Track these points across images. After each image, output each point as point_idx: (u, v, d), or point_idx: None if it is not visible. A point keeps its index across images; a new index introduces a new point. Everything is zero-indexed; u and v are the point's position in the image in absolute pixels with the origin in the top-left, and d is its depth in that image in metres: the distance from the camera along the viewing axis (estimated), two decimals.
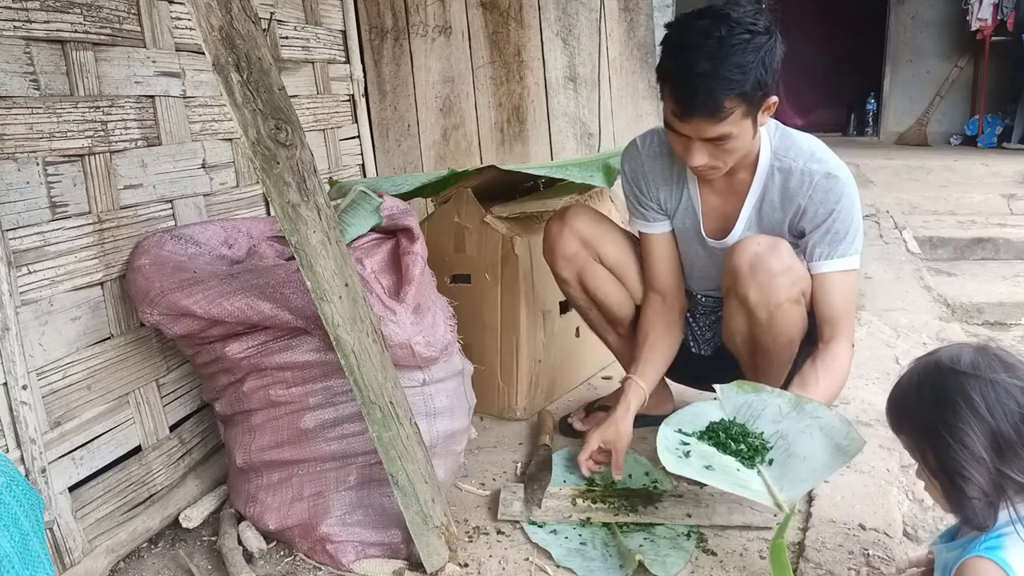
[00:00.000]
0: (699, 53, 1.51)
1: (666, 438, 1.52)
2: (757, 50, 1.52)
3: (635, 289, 1.99)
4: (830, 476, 1.55)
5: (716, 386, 1.68)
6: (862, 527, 1.59)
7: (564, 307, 2.29)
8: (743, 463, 1.51)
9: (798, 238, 1.79)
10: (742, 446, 1.53)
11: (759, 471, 1.48)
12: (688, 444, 1.55)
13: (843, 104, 7.81)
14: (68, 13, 1.49)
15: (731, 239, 1.83)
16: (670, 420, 1.62)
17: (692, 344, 2.03)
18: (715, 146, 1.60)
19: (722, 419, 1.62)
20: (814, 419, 1.53)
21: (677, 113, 1.58)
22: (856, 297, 1.80)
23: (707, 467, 1.47)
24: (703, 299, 2.03)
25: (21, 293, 1.39)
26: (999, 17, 6.54)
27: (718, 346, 2.00)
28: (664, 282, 1.94)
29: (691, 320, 2.04)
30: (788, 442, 1.51)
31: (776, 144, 1.76)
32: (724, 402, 1.66)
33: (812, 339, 1.77)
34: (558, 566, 1.53)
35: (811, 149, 1.76)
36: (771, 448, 1.52)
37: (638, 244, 2.00)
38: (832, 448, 1.47)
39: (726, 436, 1.56)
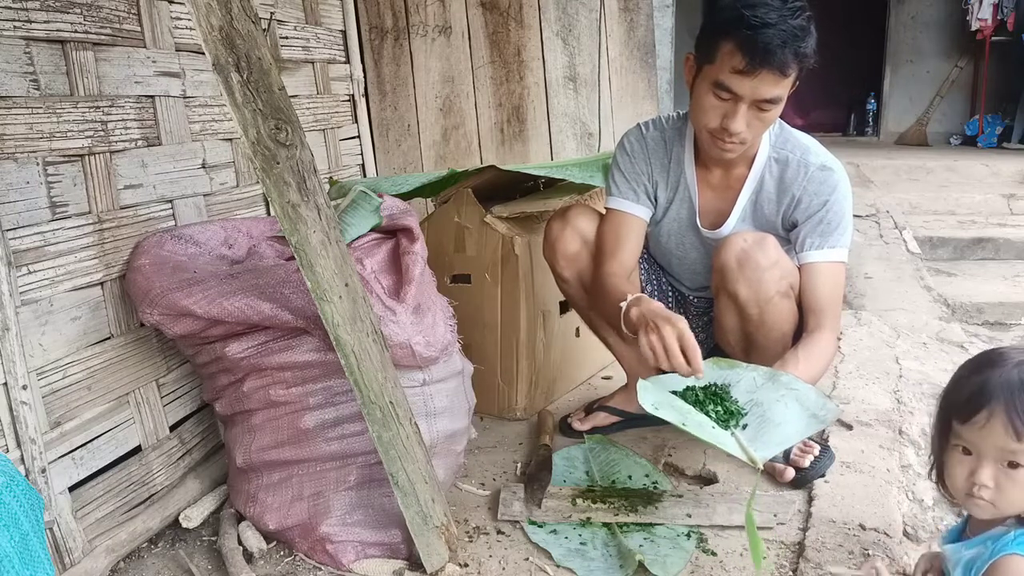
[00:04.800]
0: (770, 9, 1.57)
1: (644, 387, 1.51)
2: (810, 20, 1.61)
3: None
4: (802, 439, 1.56)
5: None
6: (862, 527, 1.59)
7: (564, 307, 2.29)
8: (718, 424, 1.50)
9: (789, 231, 1.80)
10: (719, 408, 1.52)
11: (733, 433, 1.47)
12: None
13: (843, 104, 7.81)
14: (68, 13, 1.49)
15: (725, 229, 1.84)
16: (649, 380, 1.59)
17: None
18: (756, 113, 1.64)
19: (697, 386, 1.60)
20: (789, 390, 1.53)
21: (742, 67, 1.58)
22: (842, 290, 1.82)
23: (683, 422, 1.46)
24: (696, 300, 2.03)
25: (21, 293, 1.38)
26: (999, 17, 6.55)
27: (711, 348, 2.00)
28: (630, 263, 1.91)
29: None
30: (763, 409, 1.51)
31: (775, 139, 1.82)
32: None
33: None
34: (558, 566, 1.53)
35: (807, 144, 1.82)
36: (746, 414, 1.52)
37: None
38: (807, 416, 1.47)
39: (704, 396, 1.55)
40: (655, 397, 1.49)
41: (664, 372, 1.57)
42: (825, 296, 1.74)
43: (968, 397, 1.11)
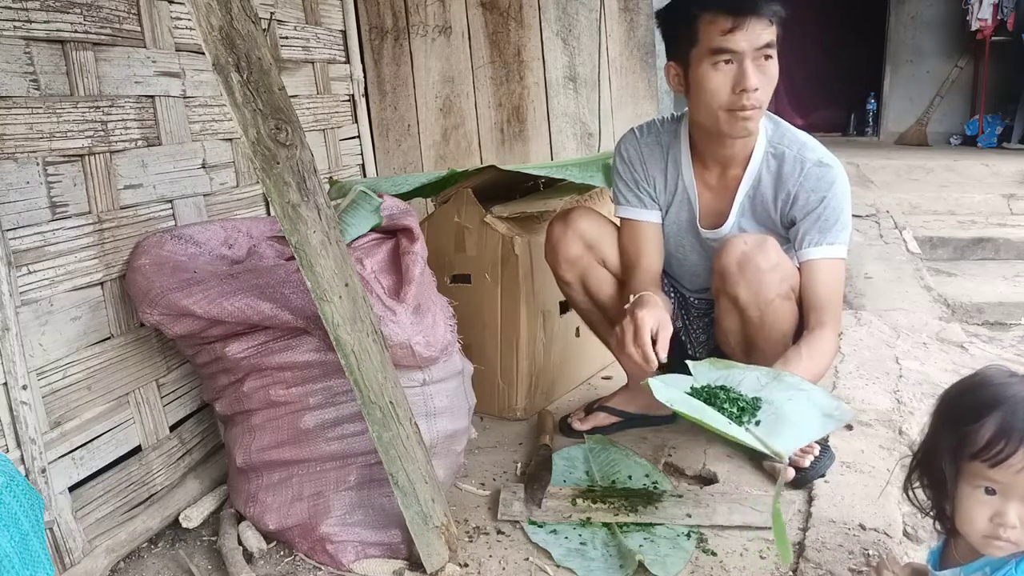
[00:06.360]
0: None
1: (657, 385, 1.51)
2: None
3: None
4: (822, 435, 1.59)
5: (689, 362, 1.65)
6: (862, 527, 1.59)
7: (564, 307, 2.29)
8: (732, 421, 1.49)
9: (788, 228, 1.80)
10: (733, 408, 1.51)
11: (747, 429, 1.47)
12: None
13: (843, 104, 7.81)
14: (68, 13, 1.49)
15: (725, 228, 1.85)
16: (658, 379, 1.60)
17: (689, 348, 2.03)
18: (761, 66, 1.66)
19: (706, 384, 1.61)
20: (798, 390, 1.52)
21: (730, 25, 1.62)
22: (842, 287, 1.82)
23: (699, 416, 1.45)
24: (696, 301, 2.04)
25: (21, 293, 1.38)
26: (999, 17, 6.54)
27: (712, 349, 2.00)
28: (654, 268, 1.93)
29: (686, 323, 2.04)
30: (775, 407, 1.49)
31: (771, 134, 1.82)
32: (697, 378, 1.62)
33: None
34: (558, 566, 1.53)
35: (804, 140, 1.82)
36: (760, 409, 1.51)
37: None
38: (821, 416, 1.46)
39: (716, 394, 1.54)
40: (669, 394, 1.49)
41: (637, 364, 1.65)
42: (825, 293, 1.74)
43: (992, 439, 1.04)
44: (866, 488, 1.74)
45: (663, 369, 1.67)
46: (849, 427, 2.04)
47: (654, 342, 1.64)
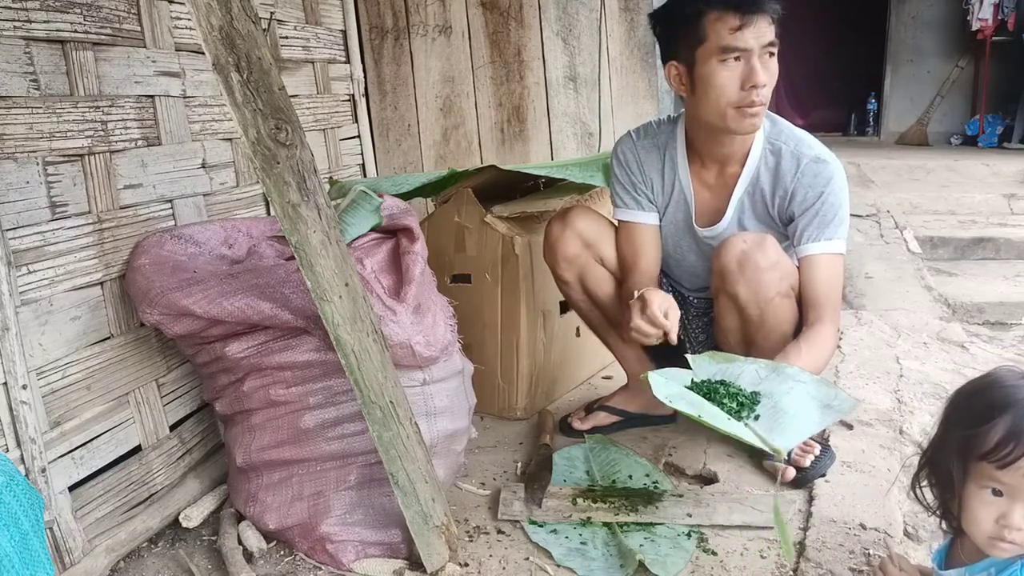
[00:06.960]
0: None
1: (656, 381, 1.51)
2: None
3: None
4: (821, 429, 1.58)
5: (688, 356, 1.64)
6: (862, 527, 1.59)
7: (564, 307, 2.29)
8: (731, 416, 1.49)
9: (786, 225, 1.81)
10: (732, 403, 1.51)
11: (747, 424, 1.46)
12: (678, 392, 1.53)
13: (843, 104, 7.81)
14: (68, 13, 1.49)
15: (722, 225, 1.85)
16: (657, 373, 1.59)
17: (688, 347, 2.03)
18: (767, 64, 1.67)
19: (705, 379, 1.60)
20: (797, 382, 1.51)
21: (738, 23, 1.63)
22: (841, 282, 1.82)
23: (698, 413, 1.45)
24: (695, 300, 2.04)
25: (21, 293, 1.39)
26: (1000, 17, 6.53)
27: (712, 348, 2.00)
28: (651, 269, 1.93)
29: (685, 323, 2.04)
30: (774, 400, 1.49)
31: (769, 131, 1.82)
32: (697, 372, 1.61)
33: None
34: (558, 566, 1.52)
35: (801, 136, 1.83)
36: (759, 404, 1.51)
37: None
38: (821, 407, 1.45)
39: (714, 388, 1.53)
40: (668, 390, 1.48)
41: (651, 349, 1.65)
42: (824, 289, 1.74)
43: (1001, 441, 1.04)
44: (867, 488, 1.74)
45: (669, 360, 1.66)
46: (849, 427, 2.04)
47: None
